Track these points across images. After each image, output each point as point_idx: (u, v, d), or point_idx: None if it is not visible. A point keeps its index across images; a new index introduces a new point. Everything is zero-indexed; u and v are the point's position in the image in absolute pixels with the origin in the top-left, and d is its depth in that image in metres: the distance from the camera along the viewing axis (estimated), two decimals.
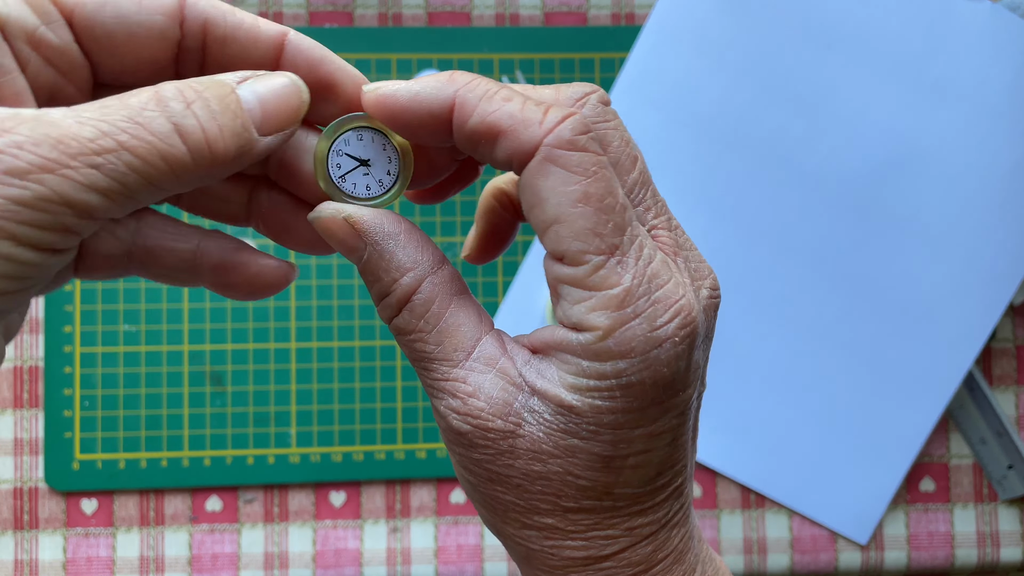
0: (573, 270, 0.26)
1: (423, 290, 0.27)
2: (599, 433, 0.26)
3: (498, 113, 0.26)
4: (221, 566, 0.58)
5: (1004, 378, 0.62)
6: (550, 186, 0.25)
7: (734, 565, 0.60)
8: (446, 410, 0.27)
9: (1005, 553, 0.61)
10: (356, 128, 0.28)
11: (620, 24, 0.61)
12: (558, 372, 0.26)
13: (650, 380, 0.26)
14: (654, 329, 0.26)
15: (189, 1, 0.26)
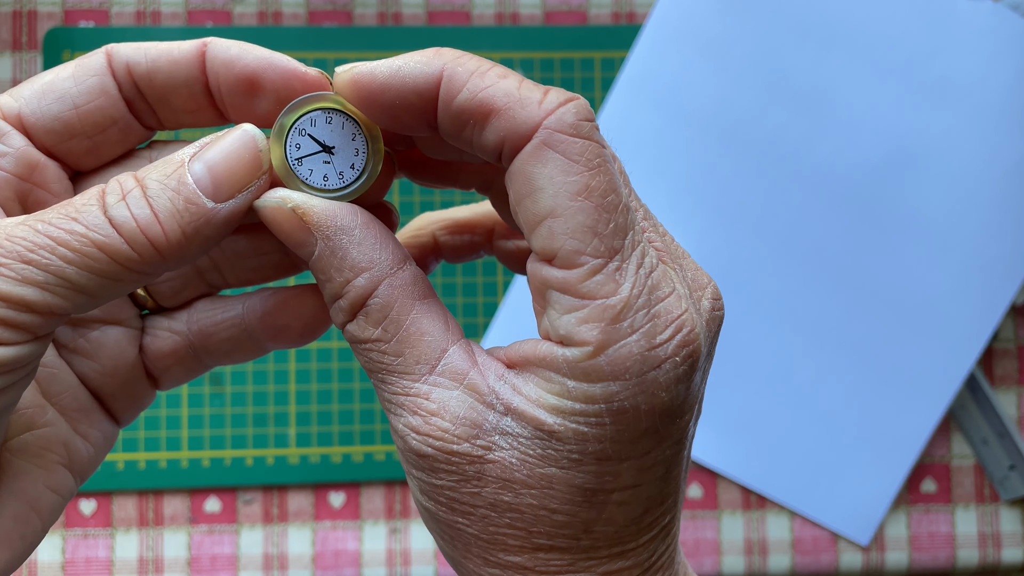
0: (565, 273, 0.23)
1: (380, 293, 0.24)
2: (582, 463, 0.23)
3: (492, 89, 0.23)
4: (220, 567, 0.58)
5: (1006, 378, 0.62)
6: (547, 174, 0.23)
7: (735, 566, 0.60)
8: (405, 429, 0.24)
9: (1007, 554, 0.61)
10: (326, 109, 0.25)
11: (621, 23, 0.61)
12: (538, 390, 0.23)
13: (645, 406, 0.23)
14: (652, 347, 0.23)
15: (112, 56, 0.26)
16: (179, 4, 0.59)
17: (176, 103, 0.26)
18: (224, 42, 0.25)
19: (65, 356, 0.28)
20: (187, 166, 0.24)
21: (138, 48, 0.26)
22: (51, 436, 0.26)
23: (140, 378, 0.28)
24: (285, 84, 0.25)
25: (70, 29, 0.58)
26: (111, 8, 0.59)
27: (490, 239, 0.31)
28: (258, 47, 0.25)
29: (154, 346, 0.28)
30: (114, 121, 0.26)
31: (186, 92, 0.26)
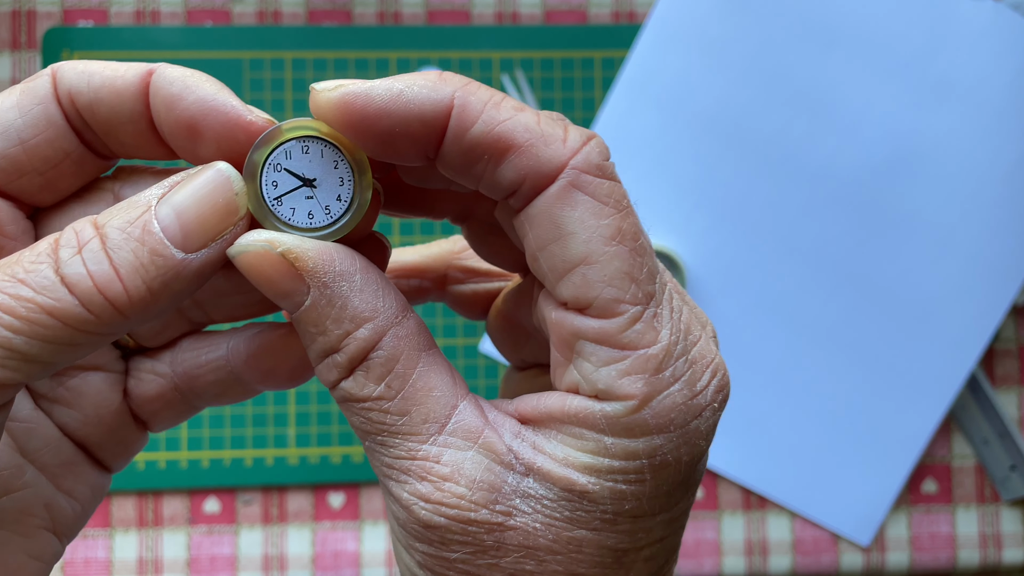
0: (603, 323, 0.21)
1: (385, 345, 0.21)
2: (616, 522, 0.21)
3: (511, 123, 0.21)
4: (219, 568, 0.58)
5: (1007, 379, 0.62)
6: (578, 217, 0.21)
7: (735, 567, 0.60)
8: (411, 498, 0.21)
9: (1008, 554, 0.61)
10: (302, 137, 0.22)
11: (621, 22, 0.61)
12: (564, 448, 0.21)
13: (687, 457, 0.21)
14: (694, 396, 0.21)
15: (58, 81, 0.23)
16: (178, 3, 0.59)
17: (122, 137, 0.23)
18: (168, 75, 0.22)
19: (44, 407, 0.25)
20: (153, 210, 0.21)
21: (82, 74, 0.23)
22: (31, 499, 0.24)
23: (127, 423, 0.26)
24: (227, 133, 0.22)
25: (69, 28, 0.58)
26: (110, 7, 0.59)
27: (441, 285, 0.29)
28: (206, 83, 0.22)
29: (139, 390, 0.26)
30: (66, 154, 0.23)
31: (131, 128, 0.23)
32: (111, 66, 0.23)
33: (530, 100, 0.59)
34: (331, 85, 0.21)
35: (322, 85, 0.21)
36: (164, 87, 0.22)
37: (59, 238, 0.21)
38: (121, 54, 0.58)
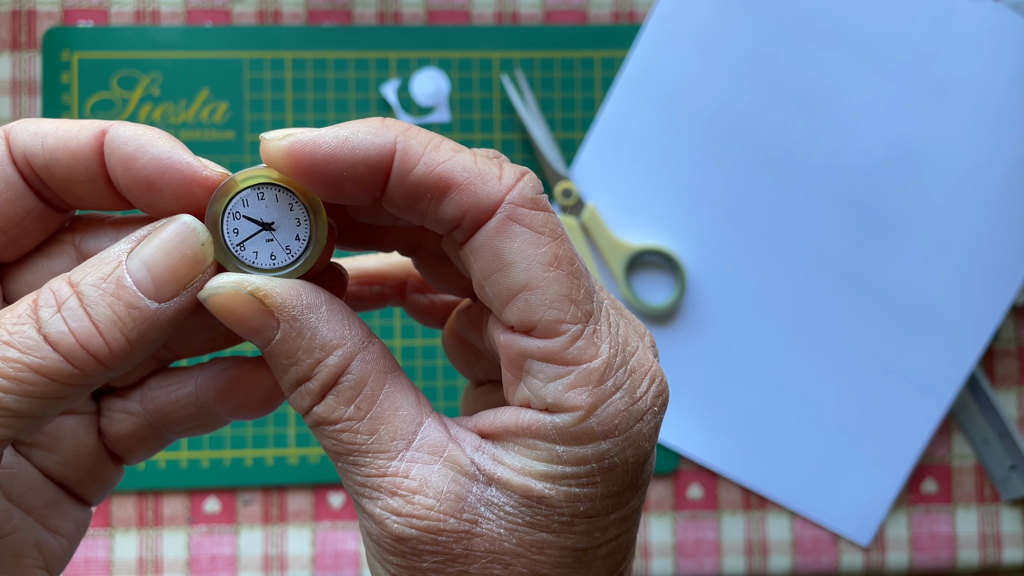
0: (547, 343, 0.23)
1: (353, 369, 0.23)
2: (573, 524, 0.23)
3: (449, 164, 0.22)
4: (219, 568, 0.58)
5: (1006, 379, 0.62)
6: (517, 248, 0.22)
7: (735, 567, 0.60)
8: (383, 513, 0.23)
9: (1007, 554, 0.61)
10: (255, 186, 0.23)
11: (621, 22, 0.61)
12: (522, 459, 0.23)
13: (632, 458, 0.23)
14: (635, 402, 0.23)
15: (12, 143, 0.24)
16: (178, 3, 0.59)
17: (80, 193, 0.24)
18: (121, 135, 0.23)
19: (23, 452, 0.26)
20: (124, 265, 0.22)
21: (35, 135, 0.24)
22: (22, 541, 0.25)
23: (103, 460, 0.27)
24: (185, 189, 0.23)
25: (69, 29, 0.58)
26: (110, 7, 0.59)
27: (401, 292, 0.30)
28: (159, 141, 0.23)
29: (112, 429, 0.27)
30: (27, 212, 0.24)
31: (88, 185, 0.24)
32: (63, 126, 0.24)
33: (530, 100, 0.59)
34: (280, 135, 0.23)
35: (271, 135, 0.23)
36: (119, 147, 0.23)
37: (37, 298, 0.22)
38: (121, 54, 0.58)
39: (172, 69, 0.58)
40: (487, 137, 0.60)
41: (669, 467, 0.60)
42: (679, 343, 0.60)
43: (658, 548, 0.60)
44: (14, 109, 0.58)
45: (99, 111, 0.58)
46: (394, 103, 0.59)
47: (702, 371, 0.60)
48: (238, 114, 0.59)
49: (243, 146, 0.59)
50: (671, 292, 0.60)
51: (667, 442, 0.59)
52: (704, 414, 0.60)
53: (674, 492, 0.60)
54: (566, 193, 0.59)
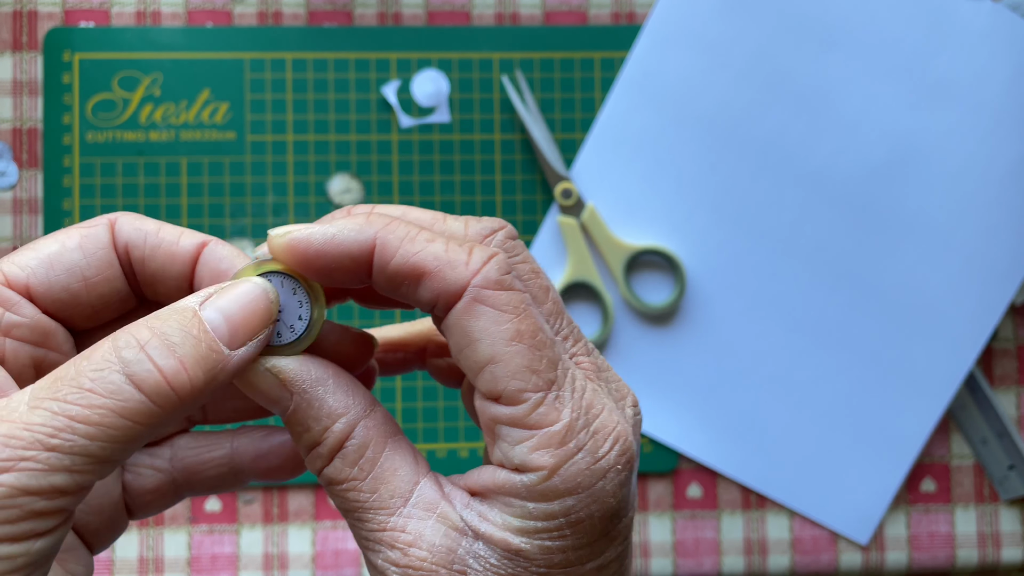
0: (512, 409, 0.25)
1: (356, 435, 0.26)
2: (550, 574, 0.25)
3: (422, 254, 0.25)
4: (220, 567, 0.58)
5: (1005, 378, 0.62)
6: (481, 326, 0.25)
7: (734, 566, 0.60)
8: (384, 564, 0.25)
9: (1006, 554, 0.61)
10: (264, 274, 0.27)
11: (621, 23, 0.61)
12: (502, 515, 0.25)
13: (598, 513, 0.25)
14: (597, 461, 0.25)
15: (116, 232, 0.27)
16: (179, 4, 0.59)
17: (161, 288, 0.28)
18: (219, 253, 0.27)
19: None
20: (200, 314, 0.24)
21: (139, 231, 0.27)
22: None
23: (120, 513, 0.29)
24: None
25: (70, 29, 0.58)
26: (111, 8, 0.59)
27: (422, 357, 0.33)
28: (241, 259, 0.27)
29: (136, 483, 0.29)
30: (117, 293, 0.27)
31: (173, 283, 0.28)
32: (165, 229, 0.28)
33: (530, 101, 0.59)
34: (282, 232, 0.26)
35: (275, 232, 0.26)
36: (214, 264, 0.27)
37: (116, 342, 0.23)
38: (123, 55, 0.58)
39: (173, 70, 0.59)
40: (487, 137, 0.60)
41: (668, 467, 0.60)
42: (678, 342, 0.60)
43: (657, 547, 0.60)
44: (15, 109, 0.59)
45: (100, 111, 0.58)
46: (394, 104, 0.60)
47: (701, 370, 0.60)
48: (239, 115, 0.59)
49: (244, 147, 0.59)
50: (671, 292, 0.60)
51: (666, 441, 0.60)
52: (703, 413, 0.60)
53: (673, 491, 0.60)
54: (566, 193, 0.59)
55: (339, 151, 0.59)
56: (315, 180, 0.59)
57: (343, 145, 0.59)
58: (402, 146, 0.60)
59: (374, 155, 0.59)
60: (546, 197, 0.60)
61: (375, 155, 0.59)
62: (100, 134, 0.58)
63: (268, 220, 0.59)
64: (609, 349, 0.60)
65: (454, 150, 0.60)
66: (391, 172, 0.59)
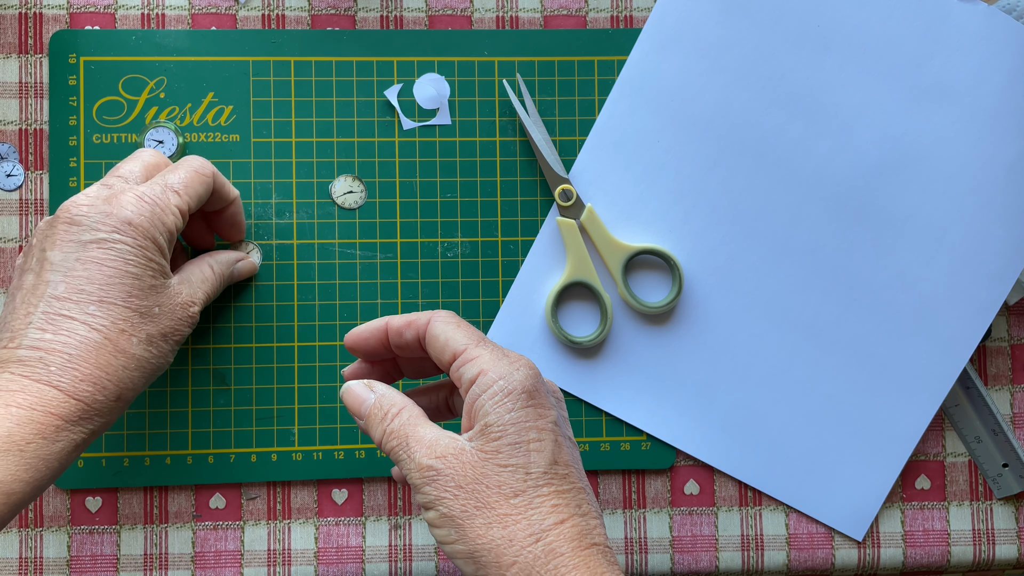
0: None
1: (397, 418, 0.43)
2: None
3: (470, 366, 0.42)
4: (224, 563, 0.58)
5: (999, 377, 0.63)
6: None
7: (731, 562, 0.60)
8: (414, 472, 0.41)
9: (1000, 550, 0.62)
10: None
11: (619, 27, 0.61)
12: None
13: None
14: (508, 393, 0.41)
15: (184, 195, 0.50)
16: (184, 8, 0.60)
17: (207, 208, 0.55)
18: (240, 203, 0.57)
19: None
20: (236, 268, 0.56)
21: (218, 175, 0.54)
22: None
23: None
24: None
25: (76, 32, 0.59)
26: (117, 11, 0.60)
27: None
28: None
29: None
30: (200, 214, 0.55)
31: (222, 204, 0.55)
32: (227, 184, 0.54)
33: (530, 103, 0.60)
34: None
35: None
36: (238, 205, 0.56)
37: (215, 271, 0.54)
38: (128, 58, 0.59)
39: (178, 72, 0.59)
40: (488, 140, 0.60)
41: (666, 463, 0.60)
42: (676, 341, 0.60)
43: (655, 543, 0.60)
44: (21, 111, 0.59)
45: (105, 114, 0.59)
46: (397, 106, 0.60)
47: (698, 369, 0.60)
48: (243, 117, 0.59)
49: (248, 149, 0.59)
50: (668, 291, 0.60)
51: (664, 438, 0.60)
52: (700, 411, 0.60)
53: (671, 488, 0.61)
54: (565, 195, 0.59)
55: (342, 153, 0.60)
56: (318, 182, 0.59)
57: (346, 147, 0.60)
58: (404, 148, 0.60)
59: (376, 157, 0.60)
60: (546, 198, 0.60)
61: (377, 157, 0.60)
62: (106, 136, 0.59)
63: (272, 221, 0.59)
64: (608, 348, 0.60)
65: (455, 152, 0.60)
66: (393, 174, 0.60)
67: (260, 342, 0.59)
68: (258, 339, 0.59)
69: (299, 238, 0.59)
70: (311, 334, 0.59)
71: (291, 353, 0.59)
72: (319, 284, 0.59)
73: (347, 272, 0.59)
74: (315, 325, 0.59)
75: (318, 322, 0.59)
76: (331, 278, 0.59)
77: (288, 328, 0.59)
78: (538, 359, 0.60)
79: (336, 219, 0.59)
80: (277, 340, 0.59)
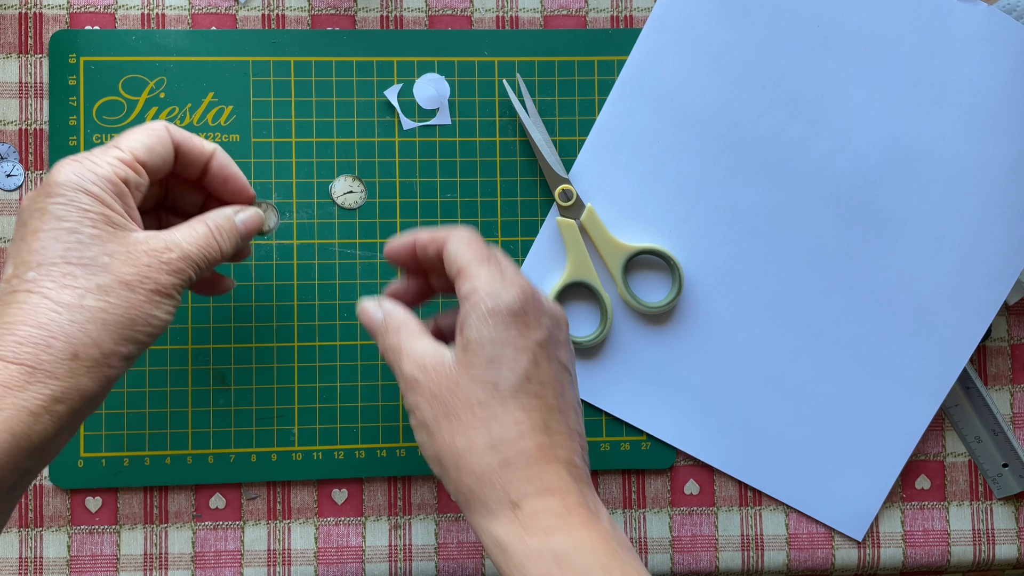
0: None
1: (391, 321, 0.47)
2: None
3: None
4: (224, 563, 0.59)
5: (999, 377, 0.63)
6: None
7: (731, 562, 0.60)
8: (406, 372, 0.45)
9: (1000, 551, 0.62)
10: (263, 204, 0.52)
11: (619, 27, 0.61)
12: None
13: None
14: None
15: (171, 133, 0.48)
16: (184, 8, 0.60)
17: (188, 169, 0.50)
18: (222, 156, 0.50)
19: None
20: (236, 220, 0.49)
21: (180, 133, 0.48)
22: None
23: None
24: (242, 192, 0.51)
25: (75, 32, 0.59)
26: (116, 11, 0.60)
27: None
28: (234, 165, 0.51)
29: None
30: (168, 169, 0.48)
31: (197, 168, 0.49)
32: (192, 136, 0.49)
33: (530, 103, 0.60)
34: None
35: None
36: (222, 160, 0.50)
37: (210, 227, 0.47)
38: (128, 58, 0.59)
39: (178, 73, 0.59)
40: (488, 140, 0.60)
41: (666, 463, 0.60)
42: (676, 341, 0.60)
43: (655, 543, 0.60)
44: (21, 112, 0.59)
45: (105, 114, 0.59)
46: (396, 106, 0.60)
47: (698, 368, 0.60)
48: (243, 117, 0.59)
49: (248, 149, 0.59)
50: (668, 291, 0.60)
51: (664, 438, 0.60)
52: (700, 411, 0.60)
53: (671, 488, 0.61)
54: (565, 195, 0.59)
55: (342, 153, 0.60)
56: (318, 182, 0.60)
57: (346, 147, 0.60)
58: (404, 148, 0.60)
59: (376, 157, 0.60)
60: (546, 198, 0.61)
61: (378, 157, 0.60)
62: (105, 136, 0.59)
63: None
64: (607, 347, 0.60)
65: (455, 152, 0.60)
66: (393, 173, 0.60)
67: (260, 342, 0.59)
68: (258, 339, 0.59)
69: (299, 238, 0.59)
70: (311, 334, 0.59)
71: (291, 353, 0.59)
72: (319, 284, 0.59)
73: (347, 272, 0.59)
74: (315, 325, 0.59)
75: (318, 322, 0.59)
76: (331, 278, 0.59)
77: (288, 328, 0.59)
78: None
79: (336, 219, 0.60)
80: (277, 340, 0.59)
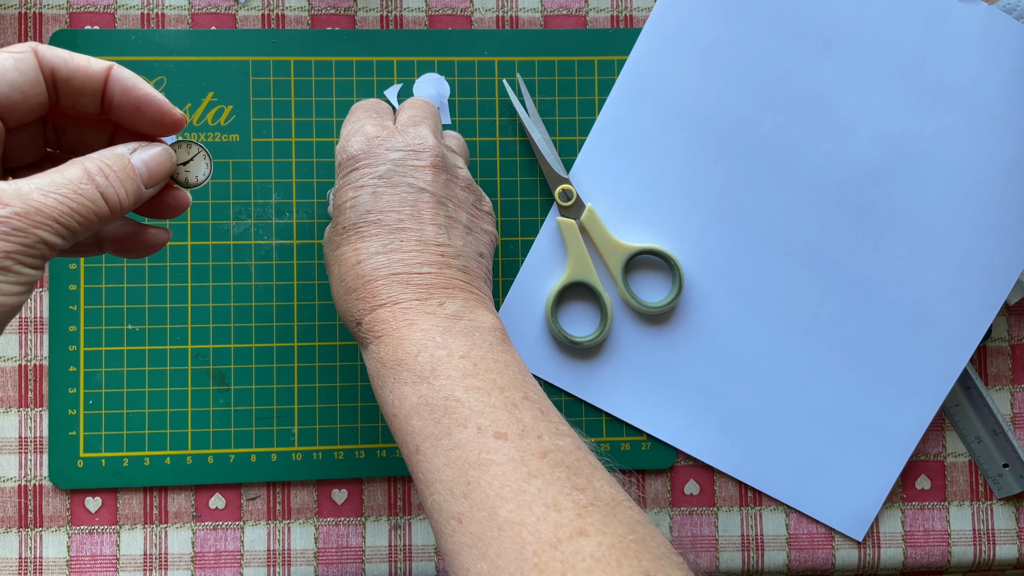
0: None
1: None
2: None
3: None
4: (224, 563, 0.59)
5: (999, 377, 0.63)
6: None
7: (732, 562, 0.60)
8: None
9: (1000, 551, 0.62)
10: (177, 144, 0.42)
11: (619, 27, 0.62)
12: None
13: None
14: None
15: (41, 57, 0.37)
16: (183, 8, 0.60)
17: (81, 102, 0.39)
18: (124, 71, 0.38)
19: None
20: (131, 160, 0.38)
21: (58, 56, 0.37)
22: None
23: None
24: (160, 118, 0.39)
25: (75, 32, 0.59)
26: (116, 11, 0.60)
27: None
28: (143, 82, 0.39)
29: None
30: (42, 103, 0.38)
31: (89, 98, 0.38)
32: (76, 56, 0.38)
33: (530, 103, 0.60)
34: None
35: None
36: (122, 79, 0.38)
37: (88, 169, 0.36)
38: (127, 57, 0.59)
39: (178, 72, 0.59)
40: (488, 139, 0.60)
41: (666, 464, 0.60)
42: (676, 341, 0.60)
43: None
44: None
45: None
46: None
47: (698, 369, 0.60)
48: (243, 117, 0.59)
49: (248, 149, 0.59)
50: (668, 291, 0.60)
51: (664, 438, 0.60)
52: (700, 411, 0.60)
53: (671, 488, 0.61)
54: (565, 195, 0.59)
55: None
56: (318, 182, 0.60)
57: None
58: None
59: None
60: (546, 198, 0.61)
61: None
62: None
63: (272, 221, 0.59)
64: (608, 348, 0.60)
65: None
66: None
67: (260, 342, 0.59)
68: (258, 339, 0.59)
69: (299, 238, 0.59)
70: (311, 334, 0.59)
71: (291, 353, 0.59)
72: (319, 284, 0.59)
73: None
74: (315, 325, 0.59)
75: (318, 322, 0.59)
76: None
77: (288, 328, 0.59)
78: (538, 359, 0.60)
79: None
80: (277, 340, 0.59)
